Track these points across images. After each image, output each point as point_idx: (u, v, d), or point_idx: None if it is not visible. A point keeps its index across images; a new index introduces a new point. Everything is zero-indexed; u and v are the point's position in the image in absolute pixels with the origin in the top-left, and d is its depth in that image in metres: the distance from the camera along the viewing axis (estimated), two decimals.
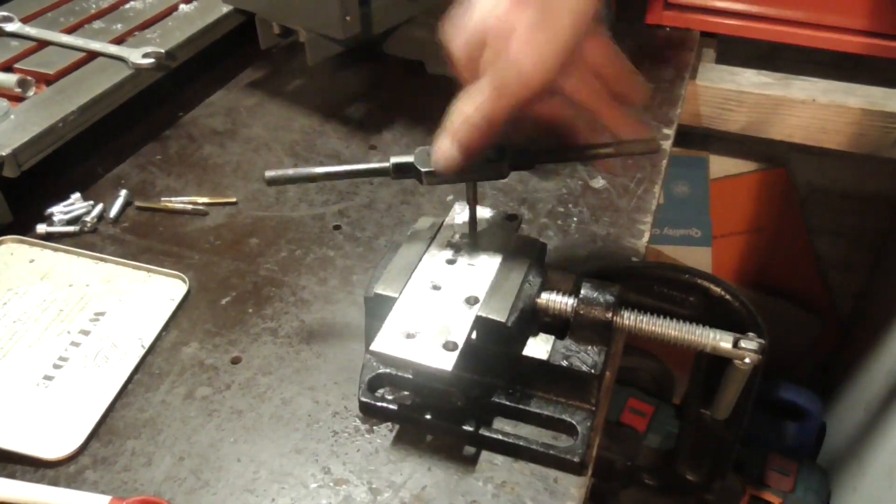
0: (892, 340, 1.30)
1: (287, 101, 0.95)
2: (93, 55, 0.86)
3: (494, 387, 0.56)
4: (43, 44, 0.88)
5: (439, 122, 0.92)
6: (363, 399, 0.56)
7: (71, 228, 0.74)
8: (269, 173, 0.54)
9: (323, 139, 0.88)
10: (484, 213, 0.61)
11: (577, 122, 0.55)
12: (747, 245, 1.59)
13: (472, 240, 0.58)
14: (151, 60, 0.84)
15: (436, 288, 0.54)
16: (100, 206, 0.76)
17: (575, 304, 0.54)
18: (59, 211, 0.75)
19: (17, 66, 0.84)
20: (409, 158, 0.53)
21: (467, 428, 0.54)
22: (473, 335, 0.52)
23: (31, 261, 0.70)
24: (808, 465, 1.38)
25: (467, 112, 0.49)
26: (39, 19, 0.92)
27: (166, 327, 0.64)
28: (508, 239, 0.59)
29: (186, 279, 0.68)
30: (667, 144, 0.86)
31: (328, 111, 0.92)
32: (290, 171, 0.55)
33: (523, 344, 0.56)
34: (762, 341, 0.52)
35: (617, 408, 1.39)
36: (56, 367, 0.60)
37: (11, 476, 0.53)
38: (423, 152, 0.53)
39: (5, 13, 0.90)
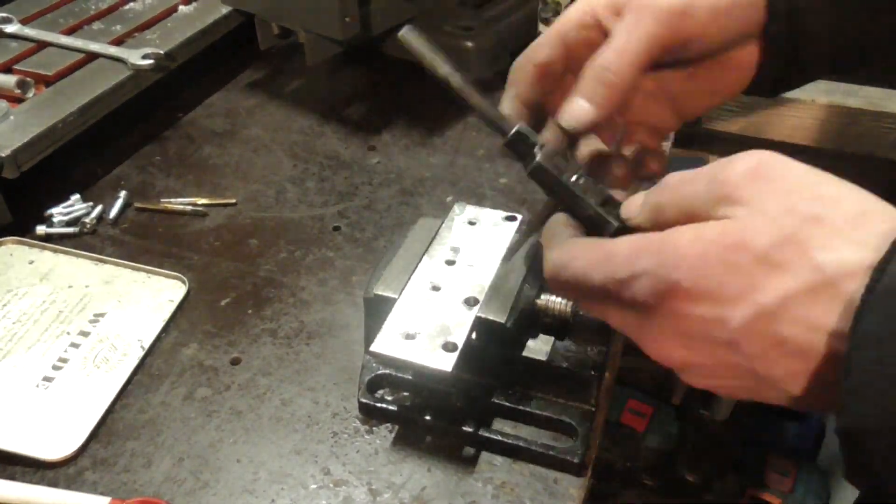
0: None
1: (286, 102, 0.95)
2: (92, 56, 0.86)
3: (494, 388, 0.56)
4: (42, 45, 0.88)
5: (438, 122, 0.92)
6: (363, 400, 0.56)
7: (70, 230, 0.74)
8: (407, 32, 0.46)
9: (322, 140, 0.88)
10: (483, 213, 0.61)
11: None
12: None
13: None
14: (151, 61, 0.84)
15: (435, 289, 0.54)
16: (99, 208, 0.76)
17: (574, 305, 0.54)
18: (58, 212, 0.75)
19: (16, 67, 0.84)
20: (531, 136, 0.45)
21: (467, 429, 0.54)
22: (473, 336, 0.52)
23: (31, 262, 0.70)
24: (808, 465, 1.38)
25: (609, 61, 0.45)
26: (39, 20, 0.92)
27: (166, 328, 0.64)
28: (507, 239, 0.59)
29: (186, 280, 0.68)
30: (667, 146, 0.86)
31: (327, 112, 0.92)
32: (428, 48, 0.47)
33: (523, 345, 0.56)
34: None
35: (617, 408, 1.39)
36: (56, 368, 0.60)
37: (11, 477, 0.53)
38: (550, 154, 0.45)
39: (4, 14, 0.90)
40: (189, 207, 0.77)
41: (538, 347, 0.56)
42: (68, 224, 0.74)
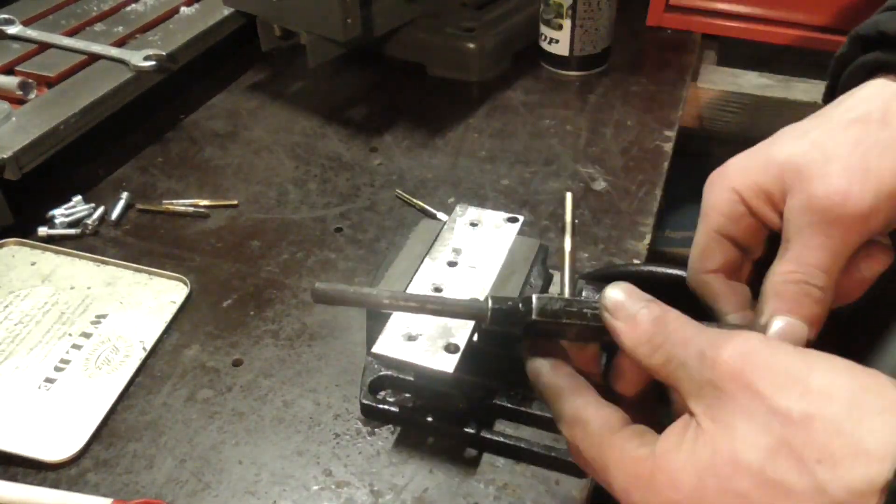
0: (892, 341, 1.29)
1: (288, 104, 0.95)
2: (94, 57, 0.86)
3: (496, 389, 0.56)
4: (44, 46, 0.88)
5: (440, 123, 0.92)
6: (365, 401, 0.56)
7: (72, 231, 0.74)
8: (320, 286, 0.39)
9: (324, 141, 0.88)
10: (485, 215, 0.61)
11: None
12: None
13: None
14: (153, 63, 0.84)
15: (437, 290, 0.54)
16: (101, 209, 0.76)
17: None
18: (60, 213, 0.75)
19: (18, 68, 0.84)
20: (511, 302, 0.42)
21: (469, 430, 0.54)
22: (475, 337, 0.52)
23: (33, 263, 0.70)
24: None
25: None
26: (40, 22, 0.92)
27: (168, 330, 0.64)
28: (509, 241, 0.59)
29: (188, 281, 0.68)
30: (668, 146, 0.86)
31: (329, 113, 0.93)
32: (350, 290, 0.40)
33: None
34: None
35: None
36: (57, 369, 0.60)
37: (13, 478, 0.53)
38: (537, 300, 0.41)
39: (6, 16, 0.90)
40: (191, 209, 0.77)
41: None
42: (70, 225, 0.74)
